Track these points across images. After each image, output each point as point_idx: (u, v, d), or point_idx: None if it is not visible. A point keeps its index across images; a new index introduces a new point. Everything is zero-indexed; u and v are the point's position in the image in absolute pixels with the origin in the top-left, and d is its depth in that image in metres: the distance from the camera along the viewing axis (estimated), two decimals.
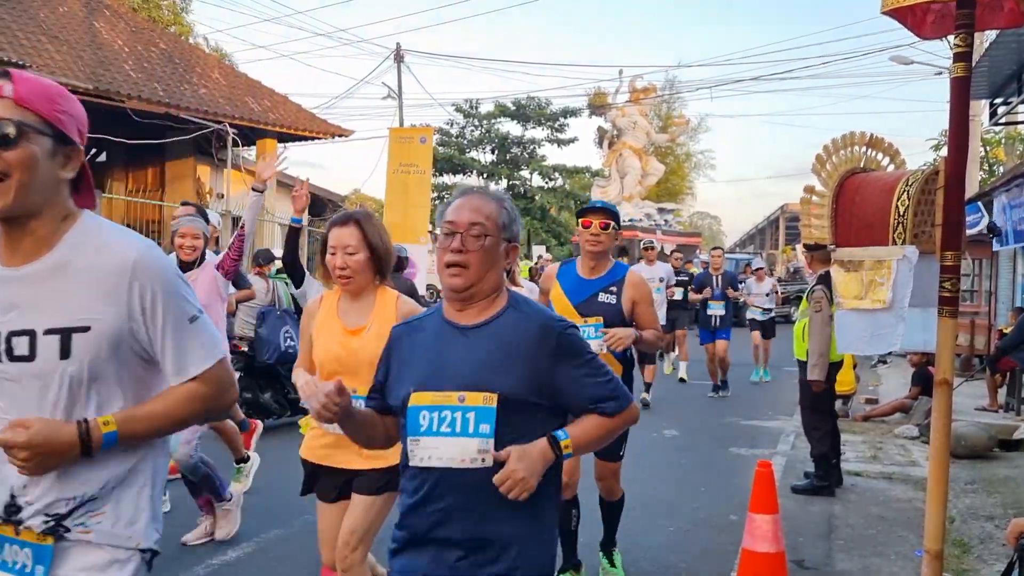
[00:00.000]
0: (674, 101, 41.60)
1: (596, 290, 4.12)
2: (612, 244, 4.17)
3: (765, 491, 3.94)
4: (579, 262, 4.26)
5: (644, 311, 4.15)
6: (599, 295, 4.11)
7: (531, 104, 35.00)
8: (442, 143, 34.75)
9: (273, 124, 16.96)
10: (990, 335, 12.86)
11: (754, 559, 3.89)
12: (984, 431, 7.76)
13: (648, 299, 4.20)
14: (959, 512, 5.82)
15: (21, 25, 13.96)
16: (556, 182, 36.10)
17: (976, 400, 9.77)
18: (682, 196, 46.28)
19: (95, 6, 16.28)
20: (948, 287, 2.96)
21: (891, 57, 20.09)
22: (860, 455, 7.72)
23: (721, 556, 4.88)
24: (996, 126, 17.73)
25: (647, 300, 4.18)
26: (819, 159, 3.38)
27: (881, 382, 12.69)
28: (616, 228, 4.15)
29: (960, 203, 3.00)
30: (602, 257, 4.18)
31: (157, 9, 26.39)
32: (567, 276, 4.24)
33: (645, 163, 31.54)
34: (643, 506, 5.96)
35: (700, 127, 46.50)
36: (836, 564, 4.87)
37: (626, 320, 4.09)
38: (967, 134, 3.04)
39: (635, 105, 31.59)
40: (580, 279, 4.19)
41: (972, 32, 2.93)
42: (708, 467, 7.25)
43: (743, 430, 8.87)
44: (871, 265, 3.13)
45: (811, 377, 6.27)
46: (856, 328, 3.23)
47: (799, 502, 6.09)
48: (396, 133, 19.18)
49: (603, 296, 4.10)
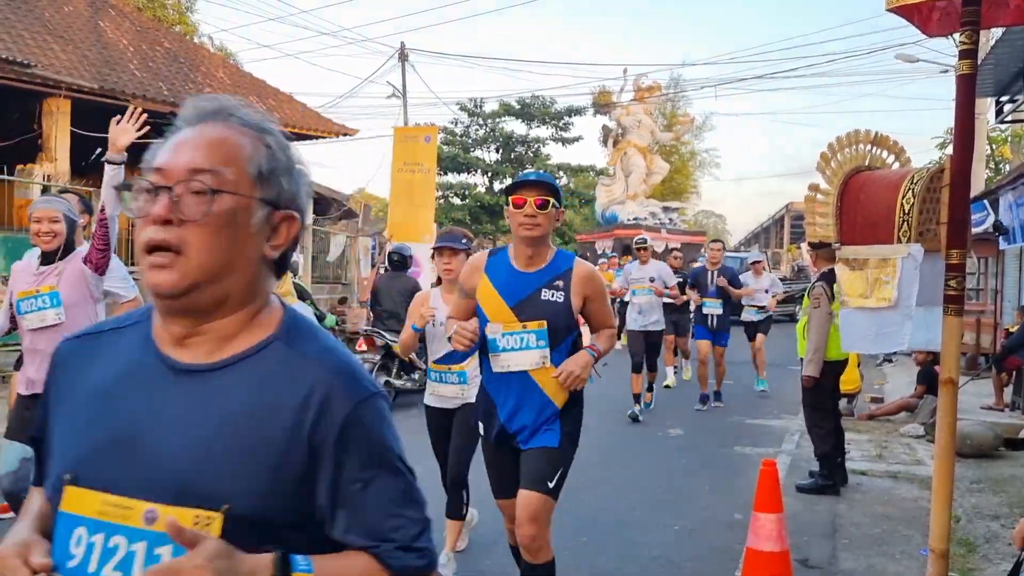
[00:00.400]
0: (679, 99, 41.51)
1: (537, 286, 3.30)
2: (552, 227, 3.32)
3: (769, 490, 3.93)
4: (512, 251, 3.39)
5: (598, 309, 3.45)
6: (541, 292, 3.30)
7: (535, 103, 35.04)
8: (446, 142, 34.80)
9: (278, 123, 16.94)
10: (996, 334, 12.81)
11: (758, 558, 3.88)
12: (990, 430, 7.73)
13: (602, 294, 3.46)
14: (965, 511, 5.80)
15: (27, 25, 13.99)
16: (561, 181, 36.13)
17: (982, 399, 9.74)
18: (687, 195, 46.20)
19: (100, 5, 16.31)
20: (953, 285, 2.95)
21: (896, 55, 20.07)
22: (865, 454, 7.70)
23: (726, 555, 4.87)
24: (1002, 124, 17.67)
25: (601, 295, 3.45)
26: (824, 157, 3.37)
27: (886, 381, 12.65)
28: (557, 206, 3.30)
29: (965, 201, 2.99)
30: (541, 244, 3.32)
31: (162, 8, 26.43)
32: (498, 269, 3.37)
33: (650, 162, 31.48)
34: (647, 505, 5.96)
35: (705, 125, 46.44)
36: (841, 563, 4.86)
37: (573, 323, 3.37)
38: (973, 132, 3.03)
39: (640, 104, 31.53)
40: (516, 273, 3.35)
41: (978, 29, 2.92)
42: (712, 466, 7.24)
43: (747, 429, 8.85)
44: (876, 263, 3.13)
45: (805, 372, 6.29)
46: (861, 327, 3.23)
47: (804, 501, 6.08)
48: (401, 132, 19.21)
49: (546, 293, 3.29)
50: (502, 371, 3.32)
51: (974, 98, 3.03)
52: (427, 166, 18.50)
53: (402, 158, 18.23)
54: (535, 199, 3.23)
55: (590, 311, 3.43)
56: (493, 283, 3.36)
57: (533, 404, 3.31)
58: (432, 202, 19.46)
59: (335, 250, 19.60)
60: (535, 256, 3.33)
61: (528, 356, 3.28)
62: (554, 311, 3.29)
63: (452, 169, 35.73)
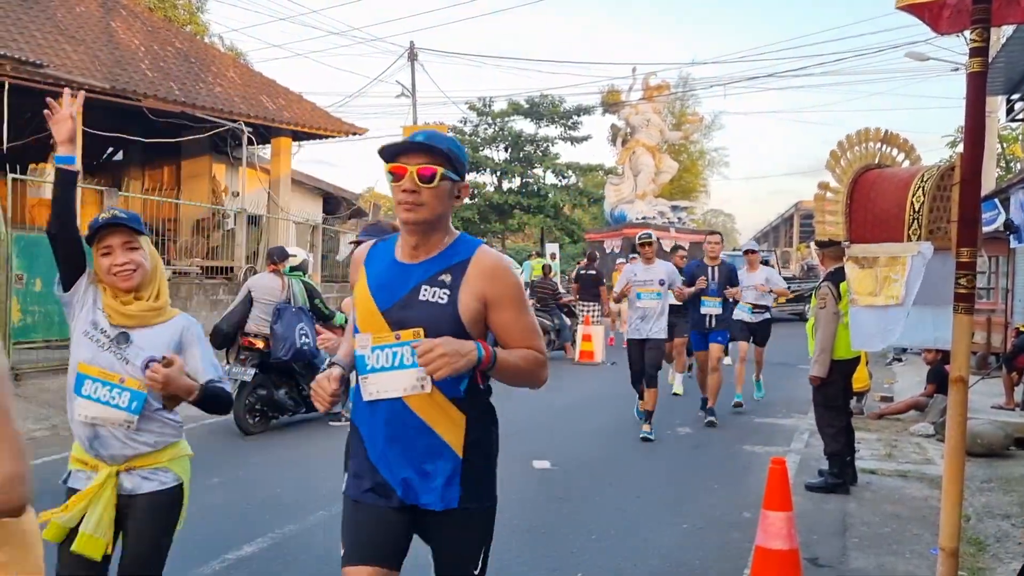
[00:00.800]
0: (688, 98, 41.52)
1: (417, 282, 2.39)
2: (446, 207, 2.41)
3: (779, 488, 3.93)
4: (400, 238, 2.52)
5: (510, 319, 2.41)
6: (421, 290, 2.38)
7: (544, 102, 35.04)
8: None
9: (288, 123, 17.04)
10: (1007, 333, 12.76)
11: (768, 556, 3.88)
12: (1000, 429, 7.71)
13: (515, 300, 2.42)
14: (975, 510, 5.79)
15: (39, 25, 14.09)
16: (569, 180, 36.13)
17: (992, 398, 9.70)
18: (696, 194, 46.18)
19: (112, 6, 16.40)
20: (964, 283, 2.95)
21: (907, 53, 20.00)
22: (875, 453, 7.69)
23: (735, 554, 4.88)
24: (1013, 122, 17.59)
25: (514, 301, 2.41)
26: (833, 155, 3.37)
27: (896, 380, 12.62)
28: (454, 178, 2.40)
29: (976, 199, 2.99)
30: (429, 230, 2.40)
31: (173, 9, 26.55)
32: (378, 262, 2.51)
33: (659, 161, 31.47)
34: (656, 504, 5.97)
35: (714, 124, 46.43)
36: (851, 562, 4.85)
37: (466, 332, 2.35)
38: (983, 130, 3.02)
39: (649, 103, 31.52)
40: (395, 265, 2.46)
41: (988, 27, 2.91)
42: (722, 465, 7.24)
43: (757, 428, 8.84)
44: (886, 261, 3.12)
45: (812, 373, 6.30)
46: (870, 325, 3.22)
47: (814, 500, 6.08)
48: (410, 131, 19.22)
49: (427, 291, 2.37)
50: (373, 399, 2.38)
51: (984, 96, 3.03)
52: None
53: None
54: (418, 168, 2.33)
55: (497, 323, 2.41)
56: (368, 280, 2.47)
57: (415, 446, 2.36)
58: None
59: (344, 249, 19.65)
60: (421, 244, 2.42)
61: (401, 377, 2.34)
62: (434, 315, 2.33)
63: None
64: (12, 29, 13.36)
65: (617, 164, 32.95)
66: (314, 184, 22.61)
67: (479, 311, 2.38)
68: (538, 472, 6.86)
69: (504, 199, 34.82)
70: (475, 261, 2.41)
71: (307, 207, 21.15)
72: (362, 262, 2.54)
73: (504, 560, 4.69)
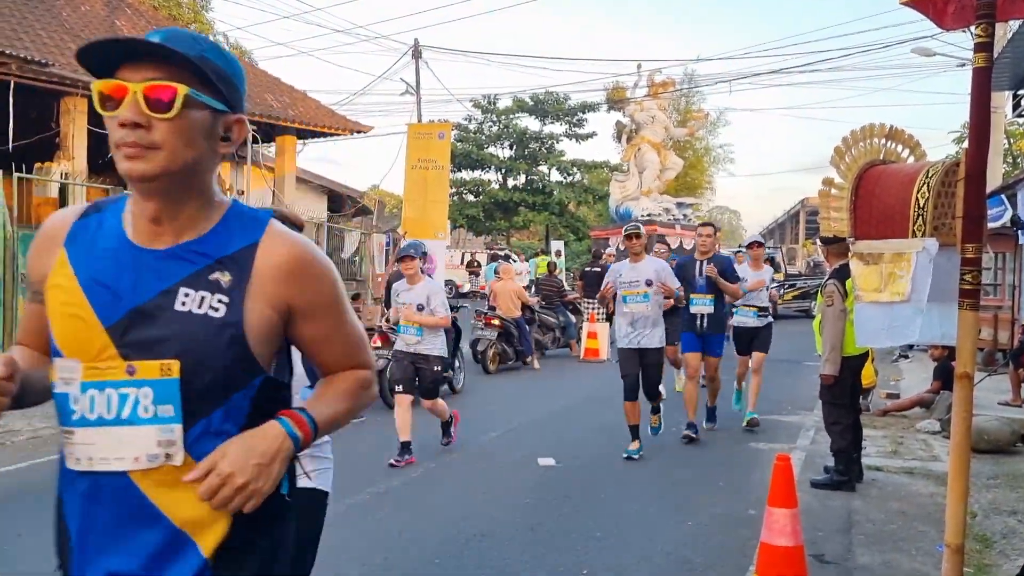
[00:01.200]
0: (693, 95, 41.39)
1: (173, 280, 1.48)
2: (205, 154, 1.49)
3: (784, 484, 3.93)
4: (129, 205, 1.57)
5: (327, 331, 1.62)
6: (178, 293, 1.47)
7: (549, 99, 35.05)
8: (460, 139, 34.87)
9: (292, 120, 17.06)
10: (1013, 329, 12.73)
11: (773, 553, 3.88)
12: (1007, 426, 7.69)
13: (337, 303, 1.62)
14: (981, 507, 5.78)
15: (44, 24, 14.13)
16: (574, 177, 36.16)
17: (999, 395, 9.68)
18: (701, 190, 46.08)
19: (116, 4, 16.45)
20: (969, 280, 2.94)
21: (913, 49, 19.88)
22: (881, 450, 7.67)
23: (740, 550, 4.88)
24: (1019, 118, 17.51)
25: (333, 306, 1.61)
26: (838, 151, 3.36)
27: (902, 377, 12.59)
28: (216, 106, 1.48)
29: (981, 195, 2.98)
30: (175, 189, 1.49)
31: (177, 7, 26.58)
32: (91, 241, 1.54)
33: (664, 157, 31.42)
34: (660, 501, 5.97)
35: (719, 121, 46.27)
36: (856, 559, 4.85)
37: (251, 357, 1.49)
38: (988, 125, 3.01)
39: (653, 99, 31.46)
40: (129, 249, 1.51)
41: (994, 22, 2.90)
42: (727, 462, 7.23)
43: (762, 425, 8.82)
44: (890, 258, 3.12)
45: (822, 371, 6.28)
46: (875, 321, 3.22)
47: (819, 497, 6.07)
48: (414, 129, 19.26)
49: (189, 297, 1.47)
50: (83, 470, 1.48)
51: (990, 91, 3.02)
52: (441, 163, 18.54)
53: (416, 155, 18.29)
54: (146, 88, 1.42)
55: (309, 337, 1.60)
56: (76, 270, 1.51)
57: (139, 542, 1.46)
58: (446, 199, 19.51)
59: (349, 247, 19.69)
60: (166, 218, 1.50)
61: (131, 439, 1.45)
62: (201, 337, 1.45)
63: (466, 166, 35.79)
64: (17, 28, 13.40)
65: (622, 161, 32.91)
66: (319, 182, 22.64)
67: (275, 324, 1.53)
68: (543, 469, 6.86)
69: (509, 196, 34.83)
70: (265, 249, 1.53)
71: (312, 205, 21.18)
72: (60, 241, 1.55)
73: (508, 558, 4.70)
